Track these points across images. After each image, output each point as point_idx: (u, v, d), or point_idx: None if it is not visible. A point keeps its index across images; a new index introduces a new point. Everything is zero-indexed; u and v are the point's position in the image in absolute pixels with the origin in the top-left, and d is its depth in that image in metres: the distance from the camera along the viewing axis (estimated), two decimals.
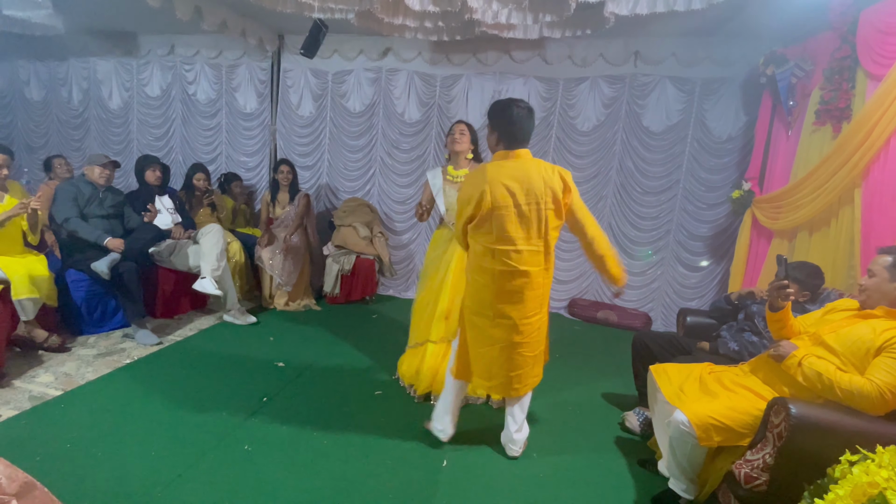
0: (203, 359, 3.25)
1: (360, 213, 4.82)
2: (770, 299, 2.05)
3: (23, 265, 3.01)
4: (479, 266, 2.19)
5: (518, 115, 2.13)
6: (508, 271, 2.13)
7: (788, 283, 1.97)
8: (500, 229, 2.10)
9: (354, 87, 4.98)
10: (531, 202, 2.09)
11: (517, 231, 2.11)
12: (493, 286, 2.16)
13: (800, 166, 3.26)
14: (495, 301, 2.18)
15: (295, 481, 2.12)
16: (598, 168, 4.56)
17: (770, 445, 1.78)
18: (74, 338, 3.36)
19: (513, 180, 2.08)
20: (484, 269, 2.17)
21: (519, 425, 2.41)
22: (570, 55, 4.41)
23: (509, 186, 2.07)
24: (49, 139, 6.10)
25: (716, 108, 4.21)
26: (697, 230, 4.41)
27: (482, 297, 2.21)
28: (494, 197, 2.07)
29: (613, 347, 3.98)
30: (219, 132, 5.48)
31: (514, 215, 2.09)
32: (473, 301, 2.26)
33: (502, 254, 2.12)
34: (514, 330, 2.20)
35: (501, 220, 2.09)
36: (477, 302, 2.24)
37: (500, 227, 2.10)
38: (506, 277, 2.14)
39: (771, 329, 2.10)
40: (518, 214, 2.09)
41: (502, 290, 2.16)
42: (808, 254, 3.04)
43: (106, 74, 5.69)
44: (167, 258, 3.81)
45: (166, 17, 3.84)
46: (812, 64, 3.25)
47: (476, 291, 2.23)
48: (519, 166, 2.12)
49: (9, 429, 2.32)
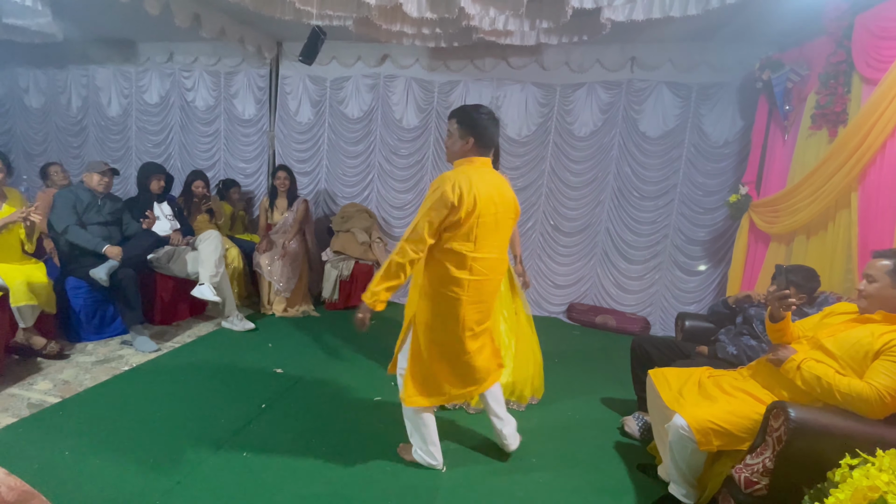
0: (201, 366, 3.24)
1: (358, 218, 4.83)
2: (771, 309, 2.01)
3: (21, 272, 3.01)
4: (450, 277, 2.03)
5: (490, 120, 2.09)
6: (483, 280, 2.08)
7: (789, 294, 1.96)
8: (482, 236, 2.03)
9: (352, 93, 5.00)
10: (505, 212, 2.10)
11: (494, 239, 2.08)
12: (468, 297, 2.06)
13: (796, 170, 3.27)
14: (472, 312, 2.09)
15: (294, 488, 2.11)
16: (595, 173, 4.58)
17: (770, 449, 1.78)
18: (73, 345, 3.35)
19: (492, 188, 2.05)
20: (458, 280, 2.03)
21: (504, 418, 2.40)
22: (567, 61, 4.43)
23: (491, 194, 2.03)
24: (48, 146, 6.11)
25: (712, 112, 4.23)
26: (695, 234, 4.42)
27: (453, 312, 2.07)
28: (481, 203, 1.99)
29: (612, 352, 3.97)
30: (217, 139, 5.49)
31: (491, 224, 2.05)
32: (438, 318, 2.10)
33: (481, 262, 2.05)
34: (488, 334, 2.26)
35: (484, 227, 2.03)
36: (445, 317, 2.09)
37: (483, 235, 2.03)
38: (481, 286, 2.09)
39: (770, 337, 2.09)
40: (495, 222, 2.06)
41: (477, 299, 2.09)
42: (805, 257, 3.05)
43: (105, 82, 5.71)
44: (165, 265, 3.81)
45: (165, 24, 3.86)
46: (808, 68, 3.27)
47: (445, 306, 2.07)
48: (492, 174, 2.10)
49: (7, 436, 2.31)
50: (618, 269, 4.67)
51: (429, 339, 2.13)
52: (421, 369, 2.19)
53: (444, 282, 2.06)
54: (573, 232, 4.72)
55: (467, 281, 2.04)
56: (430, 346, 2.14)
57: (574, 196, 4.65)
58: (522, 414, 2.90)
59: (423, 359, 2.17)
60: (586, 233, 4.70)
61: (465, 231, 2.00)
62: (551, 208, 4.73)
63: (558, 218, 4.73)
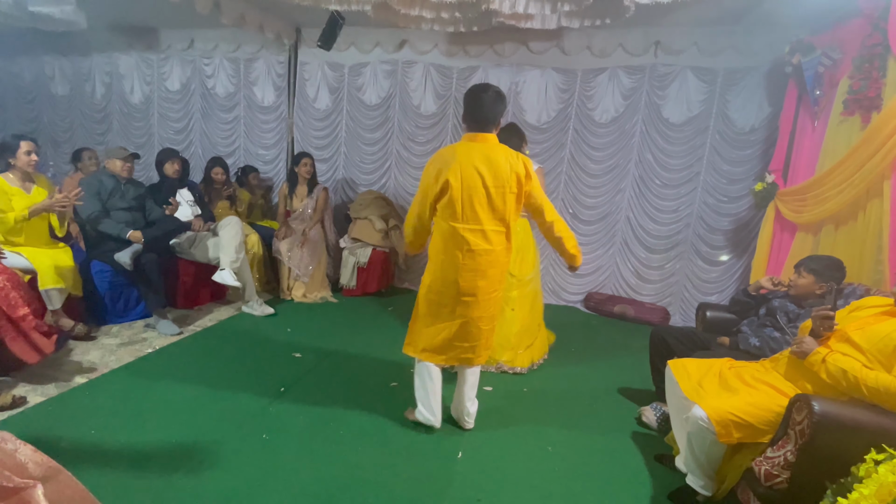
0: (222, 349, 3.30)
1: (375, 205, 4.84)
2: (813, 326, 1.98)
3: (49, 256, 3.08)
4: (444, 246, 2.26)
5: (485, 99, 2.21)
6: (474, 250, 2.23)
7: (833, 315, 1.91)
8: (469, 209, 2.20)
9: (371, 79, 4.98)
10: (497, 185, 2.19)
11: (484, 212, 2.21)
12: (459, 265, 2.24)
13: (826, 158, 3.17)
14: (460, 279, 2.26)
15: (311, 470, 2.14)
16: (616, 160, 4.50)
17: (792, 443, 1.74)
18: (98, 327, 3.44)
19: (481, 163, 2.17)
20: (449, 249, 2.25)
21: (472, 399, 2.52)
22: (589, 46, 4.34)
23: (478, 168, 2.16)
24: (73, 133, 6.22)
25: (738, 98, 4.11)
26: (718, 223, 4.33)
27: (446, 276, 2.28)
28: (464, 177, 2.16)
29: (630, 342, 3.94)
30: (237, 125, 5.53)
31: (482, 196, 2.18)
32: (436, 280, 2.32)
33: (469, 232, 2.21)
34: (476, 305, 2.31)
35: (470, 201, 2.18)
36: (440, 280, 2.30)
37: (469, 208, 2.19)
38: (471, 256, 2.24)
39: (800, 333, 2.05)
40: (486, 196, 2.19)
41: (467, 268, 2.25)
42: (833, 248, 2.96)
43: (128, 69, 5.78)
44: (187, 250, 3.87)
45: (186, 11, 3.88)
46: (840, 52, 3.15)
47: (440, 270, 2.30)
48: (486, 149, 2.21)
49: (36, 414, 2.39)
50: (637, 258, 4.60)
51: (427, 299, 2.37)
52: (416, 324, 2.44)
53: (437, 250, 2.30)
54: (592, 220, 4.66)
55: (455, 249, 2.23)
56: (427, 305, 2.38)
57: (594, 184, 4.58)
58: (540, 403, 2.90)
59: (420, 314, 2.42)
60: (606, 221, 4.64)
61: (446, 203, 2.21)
62: (570, 196, 4.67)
63: (577, 206, 4.67)
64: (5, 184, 3.02)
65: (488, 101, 2.21)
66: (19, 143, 3.05)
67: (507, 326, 3.23)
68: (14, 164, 3.06)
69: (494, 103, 2.23)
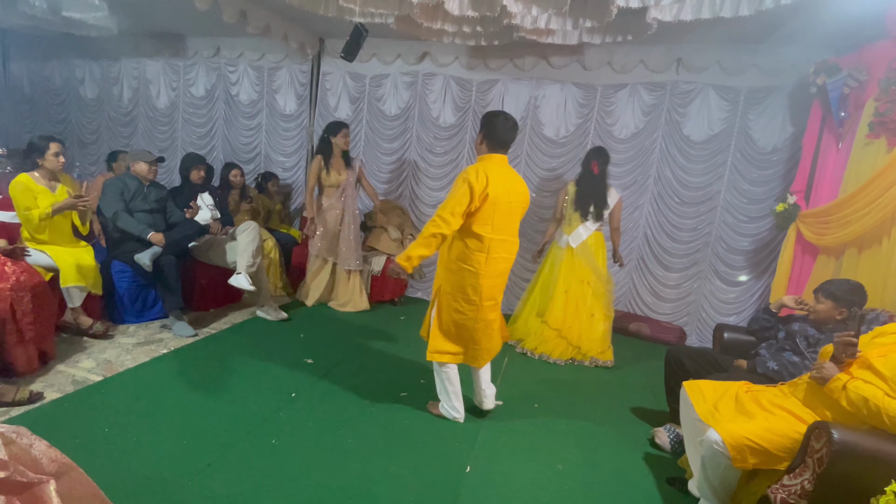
0: (236, 352, 3.33)
1: (391, 215, 4.86)
2: (835, 351, 1.93)
3: (71, 254, 3.15)
4: (471, 256, 2.45)
5: (510, 125, 2.50)
6: (499, 258, 2.50)
7: (857, 342, 1.87)
8: (499, 221, 2.43)
9: (391, 90, 5.03)
10: (514, 200, 2.49)
11: (508, 224, 2.49)
12: (485, 272, 2.46)
13: (850, 180, 3.11)
14: (487, 286, 2.48)
15: (318, 478, 2.14)
16: (634, 177, 4.47)
17: (809, 471, 1.70)
18: (116, 326, 3.49)
19: (506, 180, 2.46)
20: (477, 258, 2.45)
21: (489, 384, 2.77)
22: (610, 61, 4.34)
23: (506, 186, 2.44)
24: (100, 136, 6.38)
25: (761, 118, 4.07)
26: (738, 243, 4.26)
27: (472, 283, 2.47)
28: (497, 192, 2.39)
29: (645, 361, 3.88)
30: (258, 132, 5.63)
31: (506, 210, 2.45)
32: (460, 290, 2.50)
33: (497, 243, 2.46)
34: (494, 309, 2.59)
35: (501, 214, 2.43)
36: (465, 288, 2.49)
37: (500, 220, 2.44)
38: (496, 263, 2.49)
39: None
40: (509, 210, 2.47)
41: (492, 274, 2.48)
42: (856, 272, 2.90)
43: (155, 74, 5.93)
44: (205, 253, 3.93)
45: (213, 19, 3.97)
46: (867, 73, 3.10)
47: (465, 278, 2.48)
48: (506, 170, 2.52)
49: (52, 410, 2.42)
50: (654, 275, 4.55)
51: (450, 308, 2.55)
52: (441, 330, 2.60)
53: (465, 259, 2.47)
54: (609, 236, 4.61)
55: (485, 258, 2.45)
56: (449, 313, 2.56)
57: None
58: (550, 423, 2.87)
59: (444, 321, 2.59)
60: (623, 237, 4.56)
61: (484, 215, 2.41)
62: None
63: None
64: (32, 182, 3.11)
65: (511, 128, 2.50)
66: (48, 145, 3.13)
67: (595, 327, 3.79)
68: (42, 164, 3.14)
69: (515, 129, 2.52)
